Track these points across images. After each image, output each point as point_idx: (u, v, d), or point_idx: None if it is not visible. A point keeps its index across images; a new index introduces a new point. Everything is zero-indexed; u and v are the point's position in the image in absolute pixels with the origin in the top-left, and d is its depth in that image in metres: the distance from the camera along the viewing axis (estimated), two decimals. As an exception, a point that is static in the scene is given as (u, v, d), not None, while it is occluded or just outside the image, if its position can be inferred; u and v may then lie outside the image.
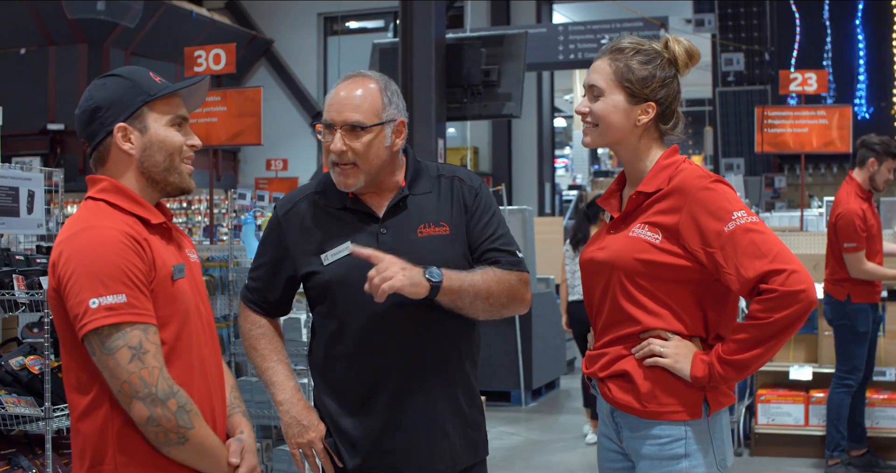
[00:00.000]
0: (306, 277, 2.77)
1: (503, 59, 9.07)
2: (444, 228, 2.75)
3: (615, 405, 2.65)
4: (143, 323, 2.25)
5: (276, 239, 2.83)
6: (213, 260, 6.06)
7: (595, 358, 2.71)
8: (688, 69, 2.71)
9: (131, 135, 2.40)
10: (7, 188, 4.72)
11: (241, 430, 2.56)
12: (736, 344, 2.49)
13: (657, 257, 2.56)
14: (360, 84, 2.70)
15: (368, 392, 2.71)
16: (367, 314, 2.67)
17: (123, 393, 2.23)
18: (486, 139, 16.72)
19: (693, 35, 14.56)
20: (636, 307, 2.59)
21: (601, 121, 2.67)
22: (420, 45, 8.62)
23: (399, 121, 2.72)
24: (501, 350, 9.29)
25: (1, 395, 4.50)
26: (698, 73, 18.69)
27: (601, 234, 2.78)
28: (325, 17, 17.25)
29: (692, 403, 2.57)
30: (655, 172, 2.64)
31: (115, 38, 12.90)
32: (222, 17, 15.68)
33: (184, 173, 2.48)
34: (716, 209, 2.49)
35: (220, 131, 6.63)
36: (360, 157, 2.65)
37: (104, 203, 2.39)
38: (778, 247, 2.48)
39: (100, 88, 2.44)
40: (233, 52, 6.62)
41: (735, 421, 7.12)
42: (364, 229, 2.73)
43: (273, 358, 2.83)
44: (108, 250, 2.25)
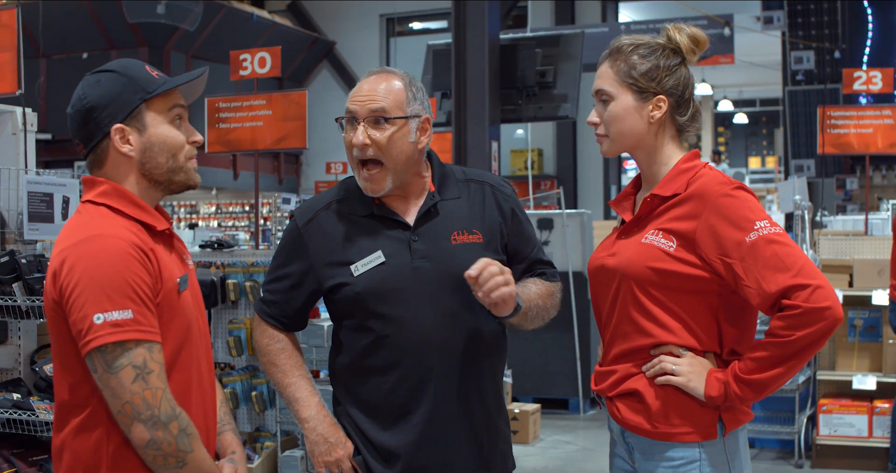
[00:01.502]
0: (333, 289, 2.65)
1: (559, 59, 8.91)
2: (477, 236, 2.67)
3: (624, 426, 2.52)
4: (148, 341, 2.15)
5: (297, 250, 2.71)
6: (258, 266, 6.01)
7: (604, 376, 2.58)
8: (695, 56, 2.56)
9: (130, 135, 2.29)
10: (41, 194, 4.70)
11: (233, 450, 2.48)
12: (755, 362, 2.35)
13: (671, 266, 2.42)
14: (384, 79, 2.63)
15: (405, 406, 2.61)
16: (405, 326, 2.58)
17: (124, 414, 2.14)
18: (551, 141, 16.52)
19: (762, 33, 14.22)
20: (647, 319, 2.46)
21: (613, 127, 2.54)
22: (473, 45, 8.48)
23: (424, 118, 2.65)
24: (559, 356, 9.14)
25: (33, 401, 4.51)
26: (768, 72, 18.29)
27: (611, 239, 2.64)
28: (387, 18, 17.21)
29: (706, 423, 2.44)
30: (673, 176, 2.51)
31: (176, 42, 12.99)
32: (283, 20, 15.71)
33: (189, 170, 2.37)
34: (737, 217, 2.37)
35: (265, 135, 6.56)
36: (384, 152, 2.57)
37: (106, 207, 2.28)
38: (802, 261, 2.33)
39: (94, 86, 2.30)
40: (278, 54, 6.54)
41: (796, 432, 6.98)
42: (394, 237, 2.63)
43: (294, 374, 2.72)
44: (115, 261, 2.14)
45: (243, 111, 6.60)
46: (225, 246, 6.37)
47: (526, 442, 7.91)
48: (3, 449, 4.64)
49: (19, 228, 4.70)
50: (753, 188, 25.53)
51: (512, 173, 16.45)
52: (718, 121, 28.58)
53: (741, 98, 27.11)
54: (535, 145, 15.78)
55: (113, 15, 12.18)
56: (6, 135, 4.86)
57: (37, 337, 4.87)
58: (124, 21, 11.91)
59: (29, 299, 4.43)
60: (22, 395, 4.59)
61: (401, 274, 2.57)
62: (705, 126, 27.67)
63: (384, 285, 2.58)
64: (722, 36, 12.79)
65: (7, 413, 4.46)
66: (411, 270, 2.61)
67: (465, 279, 2.44)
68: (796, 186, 7.64)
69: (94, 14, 12.55)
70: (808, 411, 7.13)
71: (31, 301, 4.43)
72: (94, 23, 12.67)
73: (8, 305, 4.47)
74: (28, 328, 4.80)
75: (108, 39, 12.88)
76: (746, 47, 16.42)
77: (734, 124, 28.05)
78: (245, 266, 6.04)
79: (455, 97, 8.43)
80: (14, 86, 4.86)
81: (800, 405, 7.06)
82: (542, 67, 8.83)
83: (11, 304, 4.46)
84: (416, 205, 2.68)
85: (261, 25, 14.50)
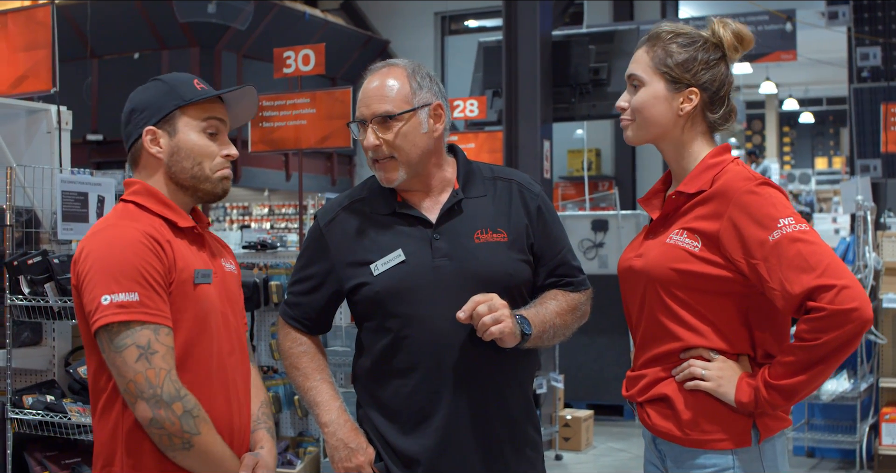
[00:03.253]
0: (353, 290, 2.60)
1: (613, 56, 8.69)
2: (501, 235, 2.61)
3: (654, 432, 2.42)
4: (154, 322, 2.23)
5: (319, 251, 2.67)
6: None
7: (634, 380, 2.48)
8: (738, 53, 2.44)
9: (160, 138, 2.41)
10: (76, 193, 4.64)
11: (262, 446, 2.49)
12: (783, 367, 2.24)
13: (696, 267, 2.32)
14: (386, 74, 2.60)
15: (424, 409, 2.57)
16: (424, 327, 2.53)
17: (129, 393, 2.22)
18: (609, 141, 16.28)
19: (826, 29, 13.87)
20: (675, 322, 2.36)
21: (640, 114, 2.43)
22: (525, 42, 8.29)
23: (435, 105, 2.61)
24: (614, 361, 8.98)
25: (67, 403, 4.47)
26: (834, 70, 17.89)
27: (640, 239, 2.53)
28: (441, 16, 17.09)
29: (739, 430, 2.33)
30: (699, 171, 2.40)
31: (227, 41, 12.98)
32: (336, 18, 15.63)
33: (216, 181, 2.45)
34: (760, 215, 2.25)
35: (309, 134, 6.48)
36: (396, 149, 2.55)
37: (133, 205, 2.40)
38: (829, 259, 2.20)
39: (140, 92, 2.48)
40: (322, 52, 6.46)
41: (857, 442, 6.80)
42: (415, 235, 2.60)
43: (316, 378, 2.67)
44: (125, 248, 2.25)
45: (287, 109, 6.52)
46: (268, 247, 6.29)
47: (578, 449, 7.76)
48: (36, 452, 4.61)
49: (53, 228, 4.66)
50: (819, 189, 25.02)
51: (569, 173, 16.25)
52: (784, 120, 28.13)
53: (807, 97, 26.63)
54: (592, 145, 15.55)
55: (164, 15, 12.20)
56: (41, 133, 4.84)
57: (71, 338, 4.82)
58: (175, 21, 11.91)
59: (62, 299, 4.38)
60: (56, 397, 4.55)
61: (421, 273, 2.54)
62: (770, 125, 27.22)
63: (403, 284, 2.55)
64: (783, 32, 12.48)
65: (40, 415, 4.42)
66: (432, 269, 2.56)
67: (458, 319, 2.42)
68: (859, 186, 7.42)
69: (144, 14, 12.58)
70: (871, 420, 6.95)
71: (63, 301, 4.37)
72: (145, 23, 12.71)
73: (41, 306, 4.42)
74: (62, 329, 4.75)
75: (160, 39, 12.91)
76: (811, 44, 16.05)
77: (800, 124, 27.56)
78: (288, 267, 5.94)
79: (506, 95, 8.26)
80: (49, 84, 4.82)
81: (862, 413, 6.92)
82: (595, 64, 8.62)
83: (45, 305, 4.40)
84: (438, 203, 2.64)
85: (313, 24, 14.43)
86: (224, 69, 13.20)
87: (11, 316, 4.50)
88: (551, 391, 7.67)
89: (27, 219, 4.64)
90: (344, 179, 16.24)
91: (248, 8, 11.65)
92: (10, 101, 4.85)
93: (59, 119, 4.80)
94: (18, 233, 4.60)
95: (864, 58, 13.54)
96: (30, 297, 4.43)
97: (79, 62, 11.77)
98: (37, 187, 4.65)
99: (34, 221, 4.67)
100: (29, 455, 4.59)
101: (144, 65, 12.77)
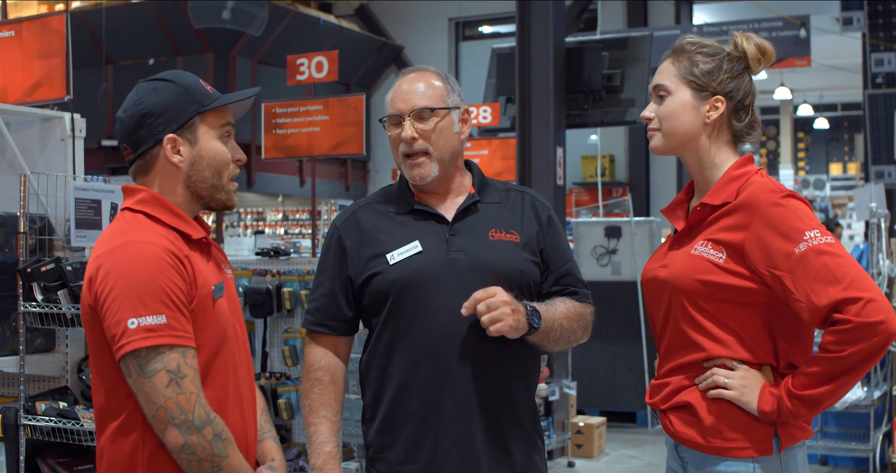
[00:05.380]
0: (367, 280, 2.63)
1: (627, 62, 8.68)
2: (514, 236, 2.69)
3: (677, 439, 2.45)
4: (182, 345, 2.17)
5: (337, 250, 2.72)
6: (313, 274, 5.90)
7: (658, 388, 2.51)
8: (760, 66, 2.48)
9: (181, 146, 2.32)
10: (89, 201, 4.65)
11: (273, 458, 2.46)
12: (807, 377, 2.26)
13: (720, 278, 2.34)
14: (422, 75, 2.72)
15: (431, 400, 2.60)
16: (435, 318, 2.59)
17: (158, 419, 2.16)
18: (623, 147, 16.26)
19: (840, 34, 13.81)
20: (699, 333, 2.38)
21: (667, 122, 2.47)
22: (538, 48, 8.30)
23: (464, 109, 2.74)
24: (627, 368, 8.96)
25: (80, 410, 4.47)
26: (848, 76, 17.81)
27: (664, 250, 2.56)
28: (456, 22, 17.10)
29: (761, 438, 2.35)
30: (724, 183, 2.42)
31: (242, 47, 13.04)
32: (350, 24, 15.68)
33: (230, 191, 2.40)
34: (786, 228, 2.27)
35: (322, 141, 6.48)
36: (432, 142, 2.64)
37: (143, 215, 2.30)
38: (854, 272, 2.22)
39: (150, 93, 2.34)
40: (335, 59, 6.47)
41: (871, 450, 6.76)
42: (432, 231, 2.66)
43: (320, 414, 2.68)
44: (150, 267, 2.17)
45: (300, 116, 6.53)
46: (281, 253, 6.29)
47: (591, 456, 7.74)
48: (49, 458, 4.61)
49: (66, 235, 4.66)
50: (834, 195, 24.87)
51: (583, 180, 16.23)
52: (798, 126, 28.01)
53: (822, 102, 26.51)
54: (606, 151, 15.54)
55: (179, 20, 12.26)
56: (55, 140, 4.85)
57: (84, 345, 4.83)
58: (190, 27, 11.97)
59: (74, 307, 4.39)
60: (68, 404, 4.56)
61: (436, 265, 2.59)
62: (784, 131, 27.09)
63: (419, 275, 2.59)
64: (797, 38, 12.45)
65: (53, 421, 4.43)
66: (447, 262, 2.61)
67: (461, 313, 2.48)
68: (873, 193, 7.39)
69: (160, 20, 12.65)
70: (884, 428, 6.96)
71: (76, 308, 4.38)
72: (160, 28, 12.77)
73: (54, 313, 4.43)
74: (76, 336, 4.76)
75: (175, 45, 12.97)
76: (825, 49, 16.00)
77: (814, 129, 27.45)
78: (301, 274, 5.94)
79: (519, 102, 8.26)
80: (63, 91, 4.83)
81: (875, 421, 6.91)
82: (608, 71, 8.61)
83: (58, 312, 4.42)
84: (455, 204, 2.71)
85: (328, 30, 14.47)
86: (239, 75, 13.25)
87: (25, 322, 4.52)
88: (564, 398, 7.66)
89: (40, 226, 4.65)
90: (358, 185, 16.27)
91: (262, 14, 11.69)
92: (24, 109, 4.87)
93: (72, 126, 4.81)
94: (32, 240, 4.61)
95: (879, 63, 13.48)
96: (43, 304, 4.44)
97: (94, 68, 11.83)
98: (50, 194, 4.65)
99: (48, 228, 4.68)
100: (42, 461, 4.60)
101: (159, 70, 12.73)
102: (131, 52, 13.00)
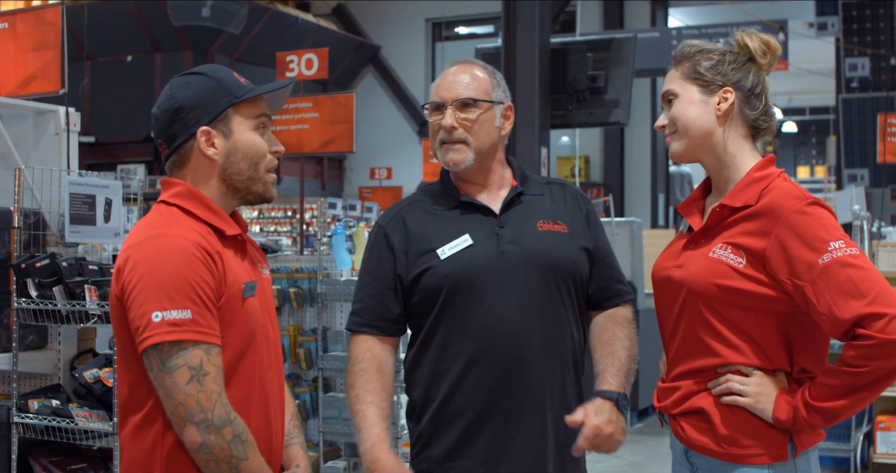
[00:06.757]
0: (418, 277, 2.60)
1: (611, 63, 8.69)
2: (562, 226, 2.67)
3: (689, 445, 2.39)
4: (206, 342, 2.11)
5: (384, 249, 2.68)
6: (302, 272, 5.86)
7: (667, 392, 2.44)
8: (766, 59, 2.43)
9: (215, 139, 2.26)
10: (83, 196, 4.59)
11: (297, 464, 2.40)
12: (826, 389, 2.22)
13: (739, 284, 2.29)
14: (468, 68, 2.70)
15: (485, 396, 2.56)
16: (489, 312, 2.56)
17: (177, 416, 2.10)
18: (598, 148, 16.33)
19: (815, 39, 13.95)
20: (714, 339, 2.33)
21: (680, 121, 2.43)
22: (523, 49, 8.31)
23: (507, 105, 2.71)
24: (608, 367, 8.92)
25: (73, 408, 4.41)
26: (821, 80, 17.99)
27: (678, 248, 2.48)
28: (433, 22, 17.10)
29: (776, 445, 2.31)
30: (745, 185, 2.36)
31: (221, 45, 12.97)
32: (328, 23, 15.66)
33: (268, 183, 2.34)
34: (809, 237, 2.22)
35: (311, 138, 6.46)
36: (472, 133, 2.62)
37: (178, 209, 2.26)
38: (879, 286, 2.17)
39: (183, 87, 2.29)
40: (325, 56, 6.44)
41: (852, 450, 6.75)
42: (480, 224, 2.64)
43: (366, 400, 2.60)
44: (178, 261, 2.12)
45: (289, 114, 6.50)
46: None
47: (573, 456, 7.72)
48: (42, 457, 4.56)
49: (61, 230, 4.60)
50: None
51: (557, 180, 16.28)
52: (766, 129, 28.24)
53: (790, 106, 26.80)
54: (581, 152, 15.60)
55: (158, 18, 12.18)
56: (49, 135, 4.79)
57: (77, 342, 4.77)
58: (169, 24, 11.90)
59: (69, 303, 4.33)
60: (61, 402, 4.50)
61: (488, 258, 2.57)
62: (752, 135, 27.29)
63: (470, 268, 2.56)
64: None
65: (46, 420, 4.37)
66: (498, 254, 2.59)
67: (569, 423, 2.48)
68: (854, 196, 7.43)
69: (139, 17, 12.55)
70: (865, 428, 6.93)
71: (71, 305, 4.32)
72: (139, 26, 12.68)
73: (49, 309, 4.37)
74: (68, 333, 4.70)
75: (153, 42, 12.87)
76: (798, 54, 16.16)
77: (783, 133, 27.74)
78: (289, 272, 5.90)
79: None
80: (58, 85, 4.77)
81: (856, 421, 6.84)
82: (593, 72, 8.61)
83: (52, 308, 4.36)
84: (499, 197, 2.69)
85: (306, 29, 14.43)
86: (217, 73, 13.17)
87: (19, 319, 4.45)
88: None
89: (34, 221, 4.59)
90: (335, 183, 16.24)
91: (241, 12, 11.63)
92: (18, 102, 4.80)
93: (67, 120, 4.75)
94: (25, 235, 4.54)
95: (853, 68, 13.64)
96: (37, 300, 4.38)
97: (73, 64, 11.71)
98: (45, 189, 4.59)
99: (42, 223, 4.62)
100: (34, 460, 4.54)
101: (137, 67, 12.74)
102: (109, 48, 12.89)
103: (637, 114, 9.39)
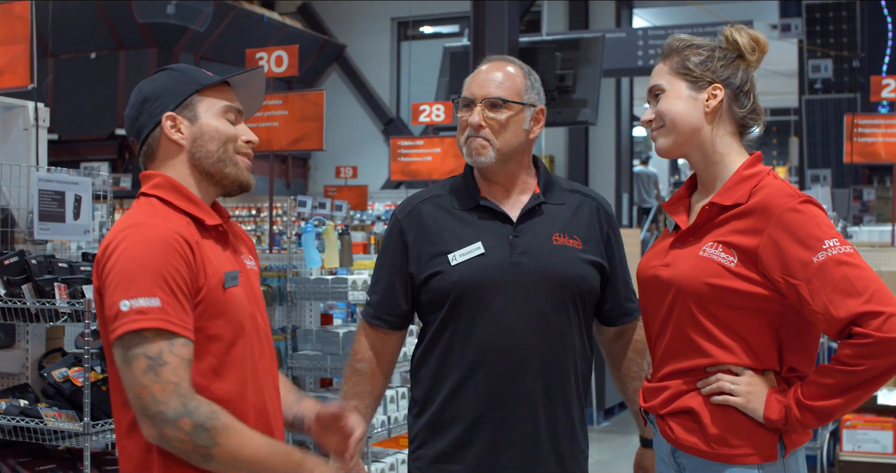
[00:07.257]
0: (427, 279, 2.60)
1: (579, 63, 8.74)
2: (577, 241, 2.66)
3: (678, 446, 2.37)
4: (170, 331, 2.04)
5: (398, 243, 2.68)
6: (271, 270, 5.82)
7: (654, 392, 2.43)
8: (755, 56, 2.44)
9: (181, 124, 2.25)
10: (52, 193, 4.52)
11: (352, 426, 2.36)
12: (819, 388, 2.21)
13: (730, 283, 2.27)
14: (503, 66, 2.68)
15: (487, 403, 2.58)
16: (495, 321, 2.56)
17: (136, 409, 2.04)
18: (563, 147, 16.36)
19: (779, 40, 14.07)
20: (704, 338, 2.31)
21: (667, 116, 2.40)
22: (492, 48, 8.30)
23: (539, 109, 2.69)
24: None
25: (41, 408, 4.35)
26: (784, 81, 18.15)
27: (664, 247, 2.46)
28: (398, 21, 17.07)
29: (766, 444, 2.29)
30: (734, 183, 2.35)
31: (185, 43, 12.87)
32: (294, 22, 15.59)
33: (240, 164, 2.29)
34: (804, 235, 2.20)
35: (281, 136, 6.42)
36: (497, 134, 2.60)
37: (157, 199, 2.24)
38: (875, 285, 2.16)
39: (149, 82, 2.33)
40: (295, 53, 6.41)
41: (818, 448, 6.83)
42: (495, 231, 2.63)
43: (351, 403, 2.66)
44: (152, 249, 2.08)
45: (259, 111, 6.44)
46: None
47: (542, 455, 7.74)
48: (10, 458, 4.48)
49: (29, 227, 4.53)
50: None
51: (522, 180, 16.30)
52: (727, 130, 28.46)
53: (751, 107, 27.00)
54: (546, 152, 15.62)
55: (122, 15, 12.07)
56: (17, 130, 4.71)
57: (45, 341, 4.70)
58: (134, 21, 11.80)
59: (39, 301, 4.26)
60: (29, 402, 4.42)
61: (498, 267, 2.56)
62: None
63: (480, 277, 2.56)
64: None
65: (14, 420, 4.29)
66: (510, 264, 2.58)
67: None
68: (819, 196, 7.51)
69: (103, 14, 12.42)
70: (831, 426, 6.98)
71: (41, 303, 4.25)
72: (103, 22, 12.55)
73: (17, 308, 4.30)
74: (37, 332, 4.63)
75: (118, 39, 12.75)
76: (761, 55, 16.26)
77: (744, 134, 27.99)
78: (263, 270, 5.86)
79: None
80: (26, 79, 4.69)
81: (824, 419, 6.91)
82: (561, 71, 8.66)
83: (21, 307, 4.29)
84: (520, 203, 2.68)
85: (271, 27, 14.37)
86: (182, 70, 13.08)
87: (-14, 317, 4.38)
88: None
89: (2, 217, 4.52)
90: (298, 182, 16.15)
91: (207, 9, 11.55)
92: (-15, 97, 4.73)
93: (36, 116, 4.68)
94: (-7, 232, 4.48)
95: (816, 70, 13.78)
96: (6, 298, 4.31)
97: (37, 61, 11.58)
98: (13, 185, 4.52)
99: (10, 220, 4.55)
100: (2, 461, 4.47)
101: (101, 65, 12.61)
102: (74, 45, 12.75)
103: (602, 114, 9.42)
